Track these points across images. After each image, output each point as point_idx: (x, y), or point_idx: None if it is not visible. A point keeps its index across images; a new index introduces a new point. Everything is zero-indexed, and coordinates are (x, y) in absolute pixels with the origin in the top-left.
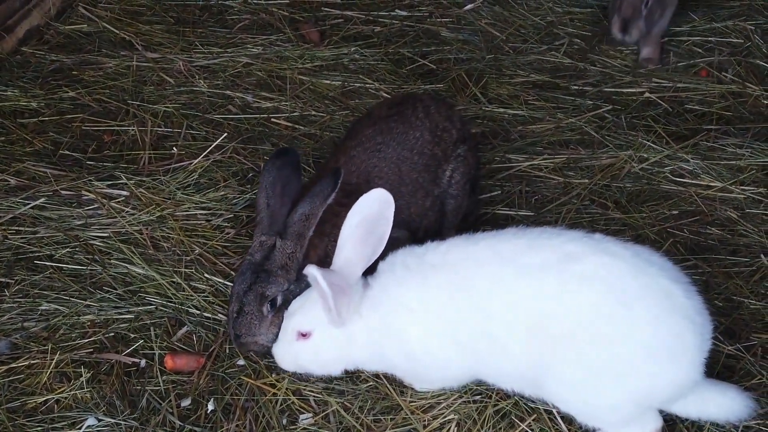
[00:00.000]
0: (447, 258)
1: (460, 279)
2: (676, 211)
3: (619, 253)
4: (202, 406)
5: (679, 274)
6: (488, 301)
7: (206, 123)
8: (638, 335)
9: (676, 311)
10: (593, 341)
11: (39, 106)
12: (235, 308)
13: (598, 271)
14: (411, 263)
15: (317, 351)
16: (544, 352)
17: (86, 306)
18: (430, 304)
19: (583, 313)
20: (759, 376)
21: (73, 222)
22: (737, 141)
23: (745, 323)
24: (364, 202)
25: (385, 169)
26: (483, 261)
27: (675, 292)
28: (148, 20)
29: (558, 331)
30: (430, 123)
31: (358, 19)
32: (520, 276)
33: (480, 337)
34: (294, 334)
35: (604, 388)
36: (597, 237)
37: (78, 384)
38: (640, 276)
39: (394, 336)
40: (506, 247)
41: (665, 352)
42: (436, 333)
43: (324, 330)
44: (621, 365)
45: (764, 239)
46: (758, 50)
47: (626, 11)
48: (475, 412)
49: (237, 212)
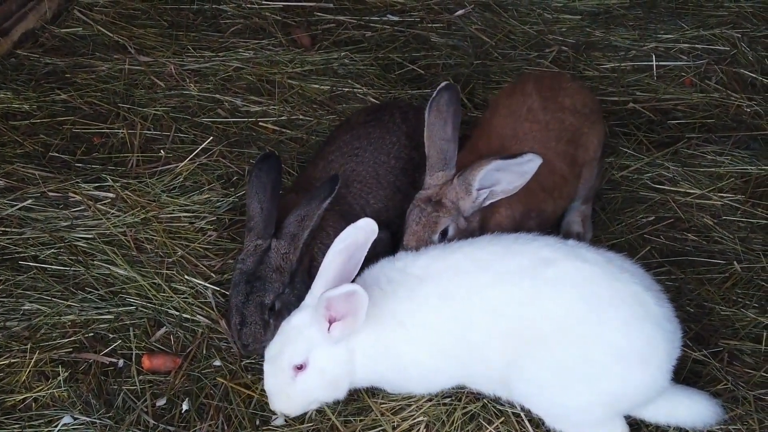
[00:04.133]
0: (429, 269)
1: (442, 289)
2: (653, 217)
3: (592, 258)
4: (177, 405)
5: (651, 281)
6: (468, 308)
7: (195, 126)
8: (609, 339)
9: (647, 317)
10: (565, 344)
11: (31, 109)
12: (238, 320)
13: (571, 275)
14: (395, 277)
15: (321, 374)
16: (519, 355)
17: (68, 306)
18: (418, 317)
19: (557, 316)
20: (724, 382)
21: (59, 223)
22: (717, 148)
23: (715, 329)
24: (351, 231)
25: (363, 173)
26: (462, 270)
27: (646, 298)
28: (143, 24)
29: (532, 333)
30: (407, 128)
31: (350, 23)
32: (497, 282)
33: (462, 344)
34: (290, 371)
35: (574, 390)
36: (570, 243)
37: (56, 383)
38: (612, 282)
39: (386, 350)
40: (483, 255)
41: (635, 356)
42: (426, 344)
43: (318, 352)
44: (591, 368)
45: (738, 246)
46: (744, 58)
47: None
48: (444, 414)
49: (220, 215)
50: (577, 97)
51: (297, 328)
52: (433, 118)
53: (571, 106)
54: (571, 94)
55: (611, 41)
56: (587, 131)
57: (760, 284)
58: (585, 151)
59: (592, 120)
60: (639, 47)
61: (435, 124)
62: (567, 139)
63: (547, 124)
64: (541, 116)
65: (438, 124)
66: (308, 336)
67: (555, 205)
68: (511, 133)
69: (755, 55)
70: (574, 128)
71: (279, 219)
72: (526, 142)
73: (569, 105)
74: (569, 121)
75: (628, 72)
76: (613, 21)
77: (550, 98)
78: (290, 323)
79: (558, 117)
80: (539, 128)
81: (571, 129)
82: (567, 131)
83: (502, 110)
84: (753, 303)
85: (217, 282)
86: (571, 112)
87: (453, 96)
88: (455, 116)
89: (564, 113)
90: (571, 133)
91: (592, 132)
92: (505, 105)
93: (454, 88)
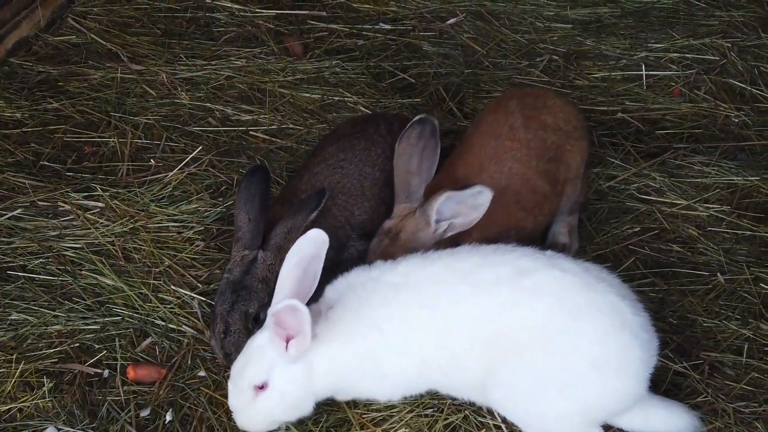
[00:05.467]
0: (408, 278)
1: (422, 298)
2: (638, 228)
3: (569, 268)
4: (161, 416)
5: (627, 290)
6: (448, 317)
7: (185, 135)
8: (586, 348)
9: (623, 327)
10: (543, 353)
11: (23, 117)
12: (222, 329)
13: (549, 285)
14: (368, 284)
15: (282, 395)
16: (497, 364)
17: (54, 316)
18: (397, 323)
19: (534, 326)
20: (704, 395)
21: (48, 233)
22: (705, 159)
23: (697, 341)
24: (301, 243)
25: (348, 185)
26: (441, 279)
27: (623, 308)
28: (136, 32)
29: (510, 342)
30: (392, 140)
31: (342, 32)
32: (477, 292)
33: (441, 352)
34: (251, 390)
35: (551, 398)
36: (548, 253)
37: (40, 393)
38: (589, 291)
39: (362, 356)
40: (462, 265)
41: (612, 366)
42: (405, 351)
43: (279, 371)
44: (569, 377)
45: (722, 257)
46: (733, 68)
47: None
48: (425, 426)
49: (208, 225)
50: (560, 115)
51: (258, 348)
52: (401, 149)
53: (554, 123)
54: (555, 112)
55: (602, 50)
56: (570, 148)
57: (742, 296)
58: (567, 168)
59: (576, 137)
60: (629, 56)
61: (402, 155)
62: (549, 157)
63: (528, 143)
64: (522, 135)
65: (404, 156)
66: (268, 355)
67: (536, 222)
68: (490, 152)
69: (745, 65)
70: (557, 146)
71: (265, 230)
72: (505, 162)
73: (552, 123)
74: (551, 140)
75: (618, 81)
76: (604, 30)
77: (533, 116)
78: (253, 342)
79: (540, 135)
80: (519, 147)
81: (554, 147)
82: (549, 150)
83: (484, 127)
84: (735, 315)
85: (203, 292)
86: (553, 130)
87: (424, 131)
88: (424, 150)
89: (546, 131)
90: (553, 151)
91: (575, 149)
92: (487, 122)
93: (427, 123)
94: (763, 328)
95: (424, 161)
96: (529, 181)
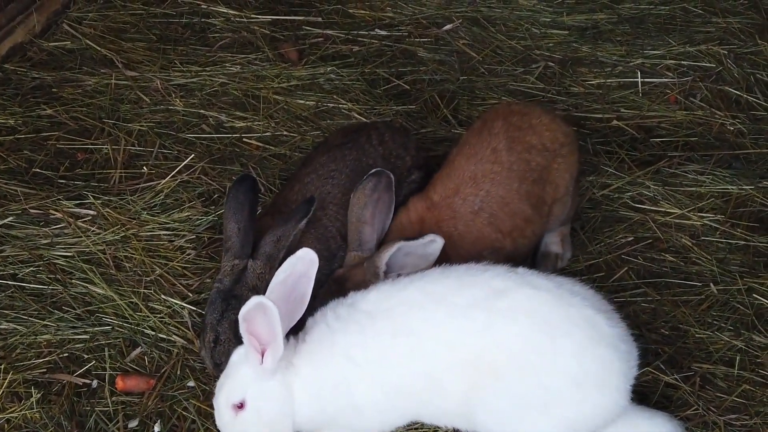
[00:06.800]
0: (381, 305)
1: (396, 324)
2: (632, 238)
3: (542, 285)
4: (149, 427)
5: (602, 303)
6: (425, 344)
7: (179, 142)
8: (563, 364)
9: (600, 340)
10: (522, 373)
11: (16, 124)
12: (211, 338)
13: (523, 305)
14: (342, 313)
15: (259, 413)
16: (477, 386)
17: (44, 326)
18: (371, 353)
19: (511, 346)
20: (695, 407)
21: (39, 241)
22: (699, 167)
23: (689, 352)
24: (292, 261)
25: (339, 195)
26: (415, 304)
27: (598, 321)
28: (131, 38)
29: (488, 365)
30: (383, 150)
31: (338, 38)
32: (452, 316)
33: (418, 380)
34: (229, 409)
35: (534, 418)
36: (520, 271)
37: (28, 404)
38: (564, 307)
39: (334, 388)
40: (435, 288)
41: (591, 380)
42: (380, 381)
43: (257, 388)
44: (549, 396)
45: (715, 268)
46: (729, 75)
47: None
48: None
49: (199, 233)
50: (547, 134)
51: (234, 365)
52: (356, 199)
53: (540, 144)
54: (540, 132)
55: (598, 57)
56: (557, 167)
57: (735, 306)
58: (555, 188)
59: (564, 153)
60: (625, 63)
61: (355, 205)
62: (533, 179)
63: (511, 165)
64: (505, 157)
65: (358, 205)
66: (243, 372)
67: (516, 244)
68: (470, 176)
69: (741, 72)
70: (542, 167)
71: (255, 240)
72: (482, 185)
73: (537, 143)
74: (536, 161)
75: (614, 88)
76: (600, 36)
77: (517, 138)
78: (232, 358)
79: (524, 158)
80: (500, 170)
81: (539, 168)
82: (533, 171)
83: (467, 149)
84: (728, 326)
85: (194, 302)
86: (539, 150)
87: (379, 184)
88: (378, 202)
89: (531, 153)
90: (538, 172)
91: (563, 167)
92: (470, 143)
93: (382, 176)
94: (755, 339)
95: (377, 212)
96: (509, 204)
